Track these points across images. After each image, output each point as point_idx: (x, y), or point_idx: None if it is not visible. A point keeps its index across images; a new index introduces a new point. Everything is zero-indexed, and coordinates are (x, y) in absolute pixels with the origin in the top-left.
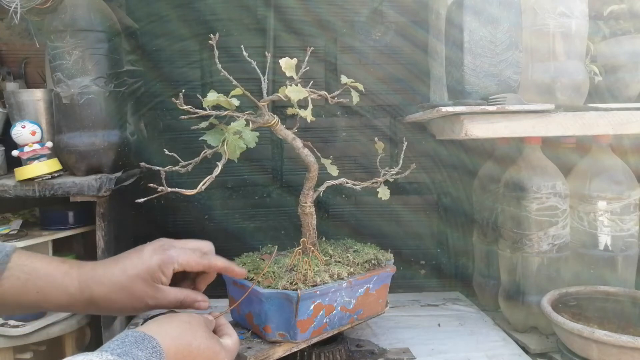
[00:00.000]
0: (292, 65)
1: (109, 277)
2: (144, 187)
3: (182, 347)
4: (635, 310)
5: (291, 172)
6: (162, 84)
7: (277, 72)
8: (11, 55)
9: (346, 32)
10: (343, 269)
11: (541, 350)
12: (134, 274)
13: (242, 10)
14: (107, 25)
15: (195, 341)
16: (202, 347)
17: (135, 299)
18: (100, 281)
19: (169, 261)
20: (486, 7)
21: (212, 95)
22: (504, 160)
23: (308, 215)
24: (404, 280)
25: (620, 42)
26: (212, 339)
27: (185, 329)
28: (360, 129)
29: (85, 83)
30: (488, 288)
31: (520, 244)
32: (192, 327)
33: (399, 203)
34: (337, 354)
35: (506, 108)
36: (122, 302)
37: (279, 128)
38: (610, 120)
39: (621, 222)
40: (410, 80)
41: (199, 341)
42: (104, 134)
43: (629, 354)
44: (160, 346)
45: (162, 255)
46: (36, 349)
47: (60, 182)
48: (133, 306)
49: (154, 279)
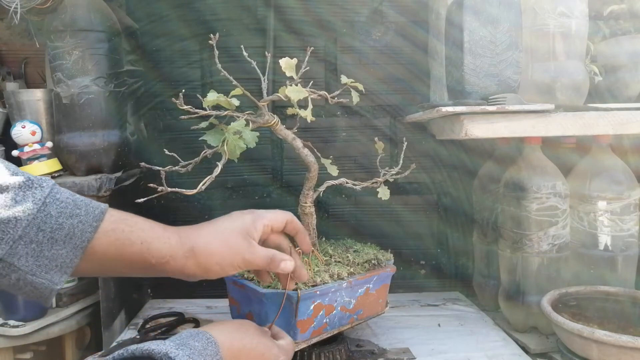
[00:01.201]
0: (292, 65)
1: (206, 229)
2: (144, 187)
3: (236, 341)
4: (635, 310)
5: (291, 172)
6: (162, 84)
7: (277, 72)
8: (11, 55)
9: (346, 32)
10: (343, 269)
11: (541, 350)
12: (230, 227)
13: (242, 10)
14: (107, 25)
15: (247, 337)
16: (254, 342)
17: (232, 252)
18: (199, 233)
19: (258, 217)
20: (486, 7)
21: (212, 95)
22: (504, 160)
23: (308, 215)
24: (404, 280)
25: (620, 42)
26: (264, 337)
27: (237, 327)
28: (360, 129)
29: (85, 83)
30: (488, 288)
31: (520, 244)
32: (244, 326)
33: (399, 203)
34: (337, 354)
35: (506, 108)
36: (220, 254)
37: (279, 128)
38: (610, 120)
39: (621, 222)
40: (410, 80)
41: (250, 337)
42: (104, 134)
43: (629, 354)
44: (214, 338)
45: (253, 214)
46: (36, 349)
47: (60, 182)
48: (230, 260)
49: (248, 233)
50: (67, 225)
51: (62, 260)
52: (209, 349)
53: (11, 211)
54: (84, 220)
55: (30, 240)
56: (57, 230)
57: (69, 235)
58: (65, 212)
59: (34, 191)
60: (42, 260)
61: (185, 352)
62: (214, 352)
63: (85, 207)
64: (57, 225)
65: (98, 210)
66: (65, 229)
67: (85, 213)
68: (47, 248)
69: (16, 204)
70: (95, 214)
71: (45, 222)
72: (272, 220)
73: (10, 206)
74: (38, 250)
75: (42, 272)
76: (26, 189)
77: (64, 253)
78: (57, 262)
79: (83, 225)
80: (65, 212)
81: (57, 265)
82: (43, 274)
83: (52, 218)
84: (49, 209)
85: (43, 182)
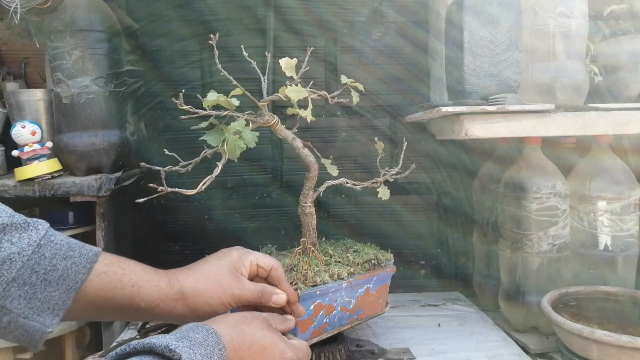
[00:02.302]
0: (292, 65)
1: (194, 270)
2: (144, 187)
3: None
4: (635, 310)
5: (291, 172)
6: (162, 84)
7: (277, 72)
8: (11, 55)
9: (346, 32)
10: (343, 269)
11: (541, 350)
12: (217, 265)
13: (242, 10)
14: (107, 25)
15: (250, 329)
16: (257, 335)
17: (221, 289)
18: (187, 274)
19: (246, 253)
20: (486, 7)
21: (212, 95)
22: (504, 160)
23: (308, 215)
24: (404, 280)
25: (620, 42)
26: (269, 330)
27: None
28: (360, 129)
29: (85, 83)
30: (488, 288)
31: (520, 244)
32: (247, 319)
33: (399, 203)
34: (337, 354)
35: (506, 108)
36: (209, 293)
37: (279, 128)
38: (610, 120)
39: (621, 222)
40: (410, 80)
41: (253, 330)
42: (104, 134)
43: (629, 354)
44: (215, 329)
45: (240, 250)
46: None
47: (60, 182)
48: (220, 298)
49: (236, 269)
50: (61, 267)
51: (54, 302)
52: (210, 340)
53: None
54: (78, 262)
55: (23, 282)
56: (51, 271)
57: (63, 276)
58: (59, 254)
59: (30, 233)
60: (34, 303)
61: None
62: (214, 343)
63: (79, 249)
64: (51, 266)
65: (92, 252)
66: (59, 271)
67: (79, 255)
68: (40, 290)
69: (12, 245)
70: (89, 256)
71: (39, 264)
72: (259, 258)
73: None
74: (31, 292)
75: (34, 315)
76: (22, 231)
77: (57, 295)
78: (49, 304)
79: (77, 267)
80: (59, 253)
81: (49, 307)
82: (35, 317)
83: (46, 260)
84: (44, 250)
85: (39, 224)
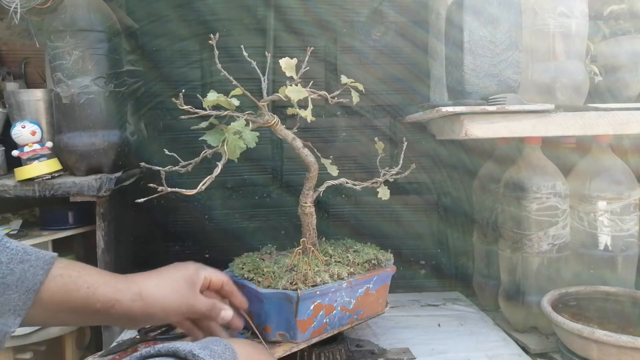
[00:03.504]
0: (292, 65)
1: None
2: (144, 187)
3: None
4: (635, 310)
5: (291, 172)
6: (162, 84)
7: (277, 72)
8: (11, 55)
9: (346, 32)
10: (343, 269)
11: (541, 350)
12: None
13: (242, 10)
14: (107, 25)
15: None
16: None
17: (178, 297)
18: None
19: (201, 268)
20: (486, 7)
21: (212, 95)
22: (504, 160)
23: (308, 215)
24: (404, 280)
25: (620, 42)
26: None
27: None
28: (360, 129)
29: (85, 83)
30: (488, 288)
31: (520, 244)
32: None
33: (399, 203)
34: (337, 354)
35: (506, 108)
36: (168, 299)
37: (279, 128)
38: (610, 120)
39: (621, 222)
40: (410, 80)
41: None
42: (104, 134)
43: (629, 354)
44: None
45: (195, 265)
46: (36, 349)
47: (60, 182)
48: (177, 306)
49: (192, 281)
50: (18, 270)
51: (15, 303)
52: (227, 354)
53: None
54: (35, 264)
55: None
56: (9, 275)
57: (21, 279)
58: (15, 259)
59: None
60: None
61: (207, 352)
62: (231, 357)
63: (35, 253)
64: (8, 270)
65: (48, 256)
66: (17, 274)
67: (36, 258)
68: None
69: None
70: (46, 259)
71: None
72: (212, 274)
73: None
74: None
75: None
76: None
77: (16, 297)
78: (9, 305)
79: (34, 269)
80: (15, 258)
81: (9, 309)
82: None
83: (3, 264)
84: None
85: None
